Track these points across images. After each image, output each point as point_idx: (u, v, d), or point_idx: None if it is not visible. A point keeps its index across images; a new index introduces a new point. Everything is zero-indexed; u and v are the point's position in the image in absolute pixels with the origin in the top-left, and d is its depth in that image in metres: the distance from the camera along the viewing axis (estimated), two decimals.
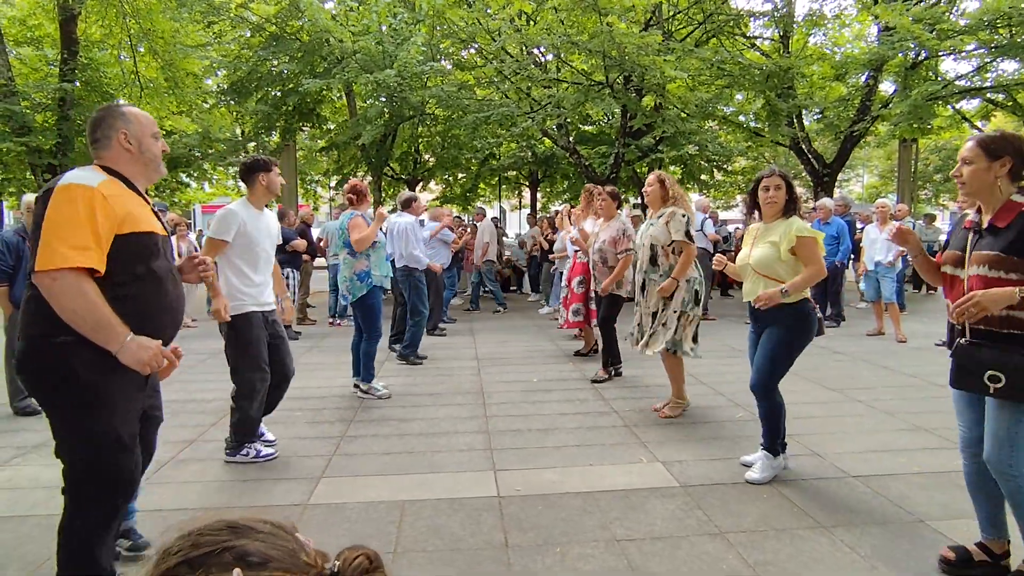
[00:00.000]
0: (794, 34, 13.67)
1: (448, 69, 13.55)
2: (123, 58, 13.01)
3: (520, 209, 27.14)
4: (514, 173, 20.08)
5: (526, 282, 13.57)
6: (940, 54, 11.83)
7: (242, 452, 3.80)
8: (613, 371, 5.73)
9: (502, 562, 2.63)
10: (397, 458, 3.84)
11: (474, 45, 12.86)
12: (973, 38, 10.99)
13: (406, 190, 9.78)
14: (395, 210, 6.98)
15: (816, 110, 13.60)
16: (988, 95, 13.17)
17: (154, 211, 2.29)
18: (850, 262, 9.33)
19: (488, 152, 15.38)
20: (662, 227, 4.50)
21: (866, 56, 11.85)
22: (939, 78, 12.76)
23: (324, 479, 3.52)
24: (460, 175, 18.89)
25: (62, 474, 2.12)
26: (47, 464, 3.74)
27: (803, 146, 13.45)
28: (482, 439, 4.16)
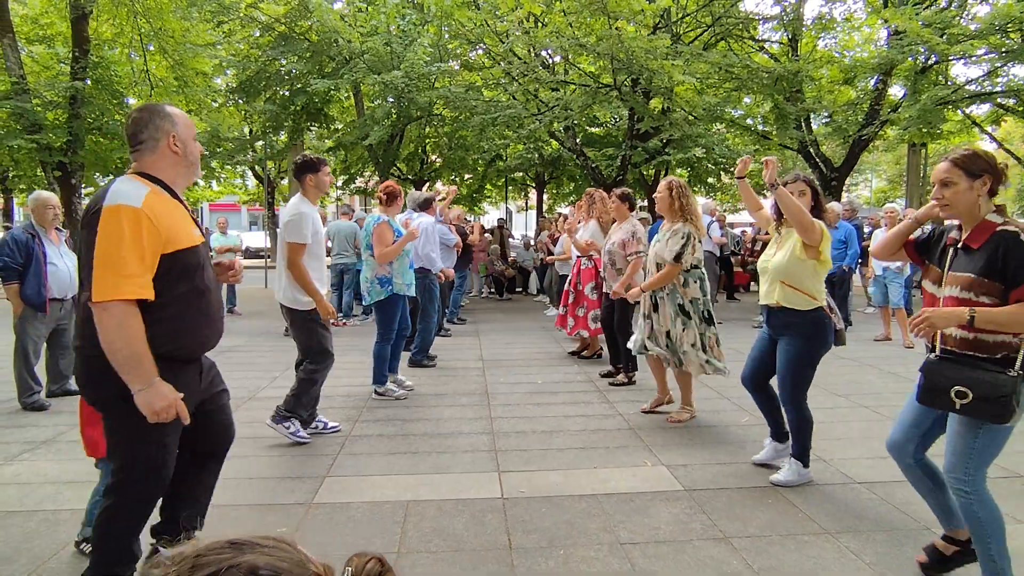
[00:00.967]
0: (803, 37, 13.64)
1: (456, 70, 13.58)
2: (133, 57, 13.13)
3: (527, 211, 27.16)
4: (521, 174, 20.10)
5: (532, 283, 13.59)
6: (950, 58, 11.77)
7: (285, 424, 4.01)
8: (630, 377, 5.64)
9: (506, 563, 2.63)
10: (402, 458, 3.85)
11: (482, 46, 12.89)
12: (984, 42, 10.90)
13: (413, 190, 9.80)
14: (404, 210, 6.97)
15: (824, 114, 13.53)
16: (998, 100, 13.07)
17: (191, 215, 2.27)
18: (858, 266, 9.28)
19: (495, 153, 15.38)
20: (664, 244, 4.44)
21: (875, 60, 11.79)
22: (949, 82, 12.70)
23: (329, 478, 3.53)
24: (467, 176, 18.92)
25: (112, 472, 2.21)
26: (55, 460, 3.78)
27: (811, 150, 13.40)
28: (487, 440, 4.16)
